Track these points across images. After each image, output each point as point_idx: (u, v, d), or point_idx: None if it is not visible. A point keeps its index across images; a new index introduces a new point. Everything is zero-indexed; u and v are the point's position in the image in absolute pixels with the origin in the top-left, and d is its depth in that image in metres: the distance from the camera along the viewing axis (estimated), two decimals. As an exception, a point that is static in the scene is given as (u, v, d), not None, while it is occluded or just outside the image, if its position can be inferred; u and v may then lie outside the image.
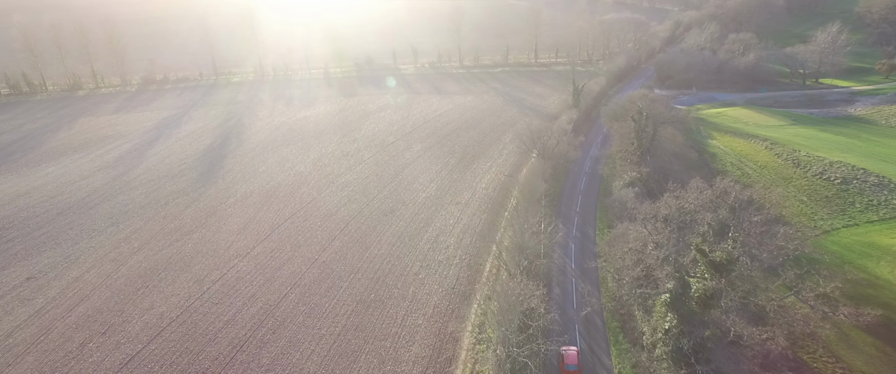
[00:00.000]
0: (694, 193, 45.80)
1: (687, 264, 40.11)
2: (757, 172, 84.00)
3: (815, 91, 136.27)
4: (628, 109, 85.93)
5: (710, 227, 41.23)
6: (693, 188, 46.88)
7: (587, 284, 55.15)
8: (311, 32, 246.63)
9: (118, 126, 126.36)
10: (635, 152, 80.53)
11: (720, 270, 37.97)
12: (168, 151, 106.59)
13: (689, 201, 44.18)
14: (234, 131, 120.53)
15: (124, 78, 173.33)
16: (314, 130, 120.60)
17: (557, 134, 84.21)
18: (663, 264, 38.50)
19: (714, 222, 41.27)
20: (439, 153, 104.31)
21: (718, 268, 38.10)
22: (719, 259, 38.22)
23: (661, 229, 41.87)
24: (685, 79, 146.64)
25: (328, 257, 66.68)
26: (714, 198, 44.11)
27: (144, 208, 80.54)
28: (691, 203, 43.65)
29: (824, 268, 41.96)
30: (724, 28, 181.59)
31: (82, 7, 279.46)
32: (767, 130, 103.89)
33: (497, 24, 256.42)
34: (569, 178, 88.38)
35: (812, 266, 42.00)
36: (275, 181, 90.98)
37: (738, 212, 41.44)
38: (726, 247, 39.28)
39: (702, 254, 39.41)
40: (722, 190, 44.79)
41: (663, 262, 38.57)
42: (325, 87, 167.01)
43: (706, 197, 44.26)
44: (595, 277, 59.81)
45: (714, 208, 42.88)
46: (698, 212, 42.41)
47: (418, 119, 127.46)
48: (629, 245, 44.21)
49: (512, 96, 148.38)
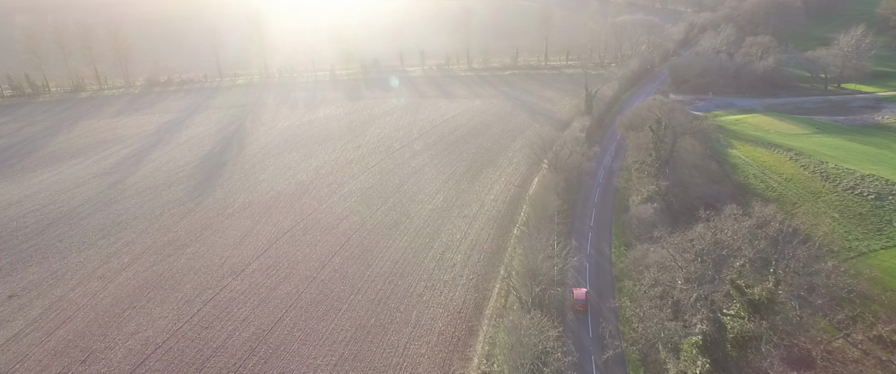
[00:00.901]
0: (729, 222, 41.52)
1: (720, 299, 35.97)
2: (782, 185, 79.27)
3: (837, 97, 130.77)
4: (646, 118, 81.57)
5: (748, 261, 37.09)
6: (728, 216, 42.59)
7: (606, 321, 50.34)
8: (318, 33, 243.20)
9: (118, 130, 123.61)
10: (653, 164, 76.19)
11: (759, 309, 33.85)
12: (167, 157, 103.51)
13: (725, 233, 39.86)
14: (236, 136, 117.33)
15: (128, 79, 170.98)
16: (318, 135, 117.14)
17: (570, 144, 79.98)
18: (696, 303, 34.33)
19: (753, 254, 37.10)
20: (446, 161, 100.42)
21: (757, 307, 33.99)
22: (759, 297, 34.10)
23: (693, 263, 37.67)
24: (701, 83, 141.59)
25: (327, 275, 62.98)
26: (753, 228, 39.82)
27: (138, 218, 77.30)
28: (728, 234, 39.31)
29: (878, 305, 37.62)
30: (741, 30, 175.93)
31: (88, 7, 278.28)
32: (790, 139, 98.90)
33: (506, 25, 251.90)
34: (582, 189, 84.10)
35: (864, 305, 37.69)
36: (275, 190, 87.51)
37: (782, 245, 37.18)
38: (767, 284, 35.11)
39: (739, 291, 35.31)
40: (762, 220, 40.48)
41: (696, 301, 34.39)
42: (330, 89, 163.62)
43: (745, 228, 39.94)
44: (611, 298, 55.65)
45: (753, 240, 38.64)
46: (735, 241, 38.14)
47: (425, 124, 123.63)
48: (652, 275, 40.04)
49: (521, 101, 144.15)
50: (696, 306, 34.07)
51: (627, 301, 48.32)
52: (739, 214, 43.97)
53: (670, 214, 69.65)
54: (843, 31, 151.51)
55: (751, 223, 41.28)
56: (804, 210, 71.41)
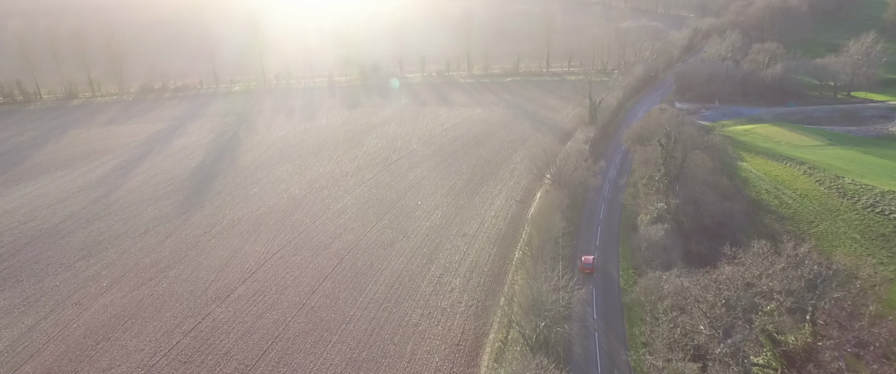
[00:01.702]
0: (759, 260, 37.80)
1: (748, 347, 32.27)
2: (797, 201, 75.51)
3: (848, 106, 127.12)
4: (653, 131, 77.96)
5: (780, 305, 33.44)
6: (756, 254, 38.86)
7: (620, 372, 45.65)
8: (318, 37, 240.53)
9: (108, 140, 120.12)
10: (662, 180, 72.54)
11: (795, 361, 30.21)
12: (156, 169, 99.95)
13: (752, 272, 36.15)
14: (229, 147, 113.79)
15: (122, 86, 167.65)
16: (313, 146, 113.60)
17: (574, 158, 76.32)
18: (724, 358, 30.53)
19: (784, 296, 33.41)
20: (445, 174, 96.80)
21: (793, 359, 30.36)
22: (794, 346, 30.47)
23: (718, 306, 33.95)
24: (707, 91, 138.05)
25: (317, 301, 59.27)
26: (786, 268, 36.06)
27: (121, 237, 73.66)
28: (756, 274, 35.56)
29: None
30: (746, 36, 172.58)
31: (83, 11, 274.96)
32: (803, 151, 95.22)
33: (507, 30, 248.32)
34: (586, 205, 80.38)
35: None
36: (266, 206, 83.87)
37: (820, 287, 33.46)
38: (804, 332, 31.45)
39: (770, 339, 31.68)
40: (797, 260, 36.72)
41: (724, 354, 30.61)
42: (328, 96, 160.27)
43: (778, 270, 36.19)
44: (621, 332, 51.91)
45: (785, 281, 34.91)
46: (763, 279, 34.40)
47: (424, 134, 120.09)
48: (670, 315, 36.32)
49: (523, 109, 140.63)
50: (725, 360, 30.43)
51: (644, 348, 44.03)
52: (769, 251, 40.12)
53: (681, 234, 65.96)
54: (850, 37, 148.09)
55: (784, 265, 37.48)
56: (822, 230, 67.69)
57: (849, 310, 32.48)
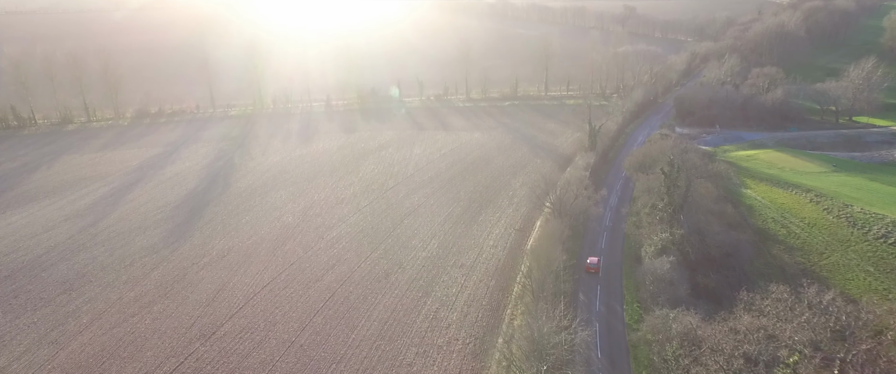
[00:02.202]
0: (779, 307, 35.32)
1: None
2: (805, 231, 73.17)
3: (851, 131, 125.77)
4: (656, 159, 76.04)
5: (803, 355, 31.00)
6: (776, 300, 36.43)
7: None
8: (315, 60, 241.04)
9: (100, 166, 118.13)
10: (665, 209, 70.30)
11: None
12: (147, 197, 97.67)
13: (772, 321, 33.66)
14: (222, 173, 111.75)
15: (118, 111, 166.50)
16: (308, 172, 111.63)
17: (575, 186, 74.19)
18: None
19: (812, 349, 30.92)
20: (443, 201, 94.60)
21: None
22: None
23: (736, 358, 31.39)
24: (707, 116, 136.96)
25: (307, 339, 56.37)
26: (811, 318, 33.59)
27: (105, 269, 70.95)
28: (776, 322, 33.09)
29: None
30: (745, 61, 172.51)
31: (81, 36, 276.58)
32: (808, 177, 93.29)
33: (506, 54, 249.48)
34: (588, 234, 77.93)
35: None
36: (258, 235, 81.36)
37: (849, 339, 31.03)
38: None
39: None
40: (822, 308, 34.28)
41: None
42: (325, 121, 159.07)
43: (802, 321, 33.71)
44: (627, 373, 48.99)
45: (811, 331, 32.43)
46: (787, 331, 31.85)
47: (421, 159, 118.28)
48: (680, 363, 33.67)
49: (522, 133, 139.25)
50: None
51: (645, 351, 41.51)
52: (789, 297, 37.61)
53: (687, 266, 63.41)
54: (848, 61, 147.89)
55: (808, 314, 34.97)
56: (833, 262, 65.20)
57: (884, 367, 29.83)
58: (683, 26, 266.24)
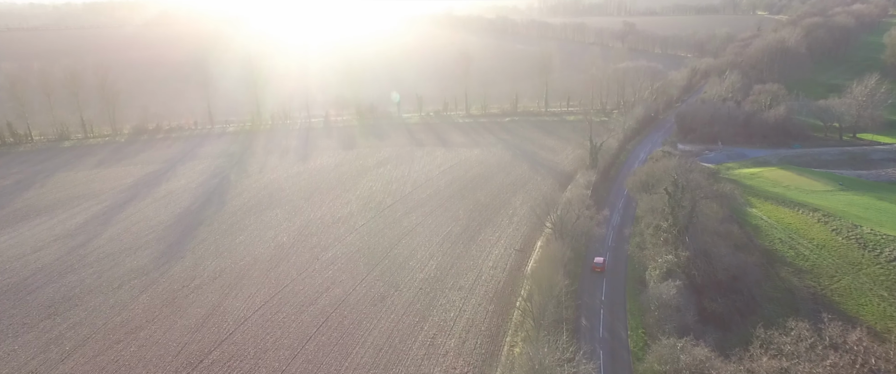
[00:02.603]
0: (801, 348, 33.17)
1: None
2: (814, 253, 71.04)
3: (856, 148, 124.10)
4: (660, 179, 74.27)
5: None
6: (796, 339, 34.32)
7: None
8: (314, 76, 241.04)
9: (94, 183, 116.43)
10: (670, 230, 68.31)
11: None
12: (139, 216, 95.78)
13: (793, 362, 31.51)
14: (218, 191, 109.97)
15: (115, 127, 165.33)
16: (305, 189, 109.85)
17: (577, 206, 72.29)
18: None
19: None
20: (441, 220, 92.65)
21: None
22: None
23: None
24: (709, 132, 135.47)
25: (298, 367, 54.05)
26: (837, 362, 31.43)
27: (92, 292, 68.79)
28: (796, 363, 30.97)
29: None
30: (745, 77, 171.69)
31: (78, 52, 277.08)
32: (814, 196, 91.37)
33: (506, 69, 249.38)
34: (589, 255, 75.66)
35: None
36: (251, 256, 79.30)
37: None
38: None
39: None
40: (847, 348, 32.14)
41: None
42: (324, 137, 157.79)
43: (826, 363, 31.56)
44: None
45: None
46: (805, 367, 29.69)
47: (420, 176, 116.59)
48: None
49: (522, 150, 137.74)
50: None
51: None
52: (812, 337, 35.44)
53: (694, 289, 61.28)
54: (849, 77, 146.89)
55: (834, 357, 32.78)
56: (845, 285, 62.99)
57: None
58: (683, 42, 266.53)
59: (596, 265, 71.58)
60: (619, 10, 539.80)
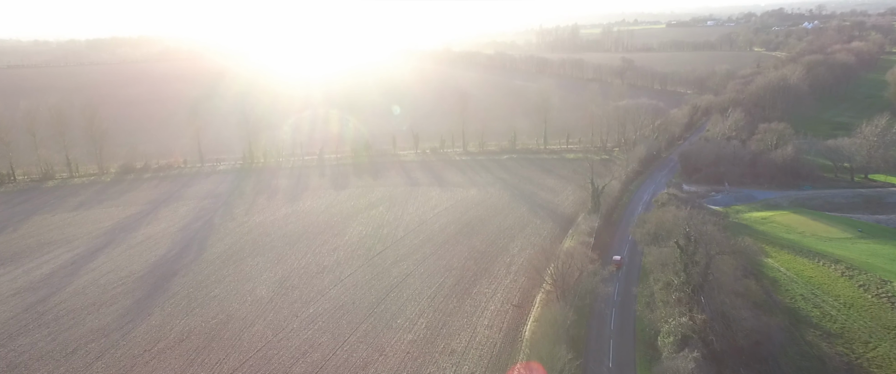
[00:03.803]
0: None
1: None
2: (842, 313, 64.51)
3: (870, 190, 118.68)
4: (670, 230, 68.44)
5: None
6: None
7: None
8: (308, 113, 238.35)
9: (70, 228, 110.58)
10: (683, 289, 62.05)
11: None
12: (111, 265, 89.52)
13: None
14: (199, 236, 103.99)
15: (102, 166, 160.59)
16: (292, 234, 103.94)
17: (579, 259, 66.21)
18: None
19: None
20: (434, 269, 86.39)
21: None
22: None
23: None
24: (715, 173, 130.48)
25: (262, 456, 47.00)
26: None
27: (43, 358, 62.05)
28: None
29: None
30: (748, 114, 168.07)
31: (66, 89, 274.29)
32: (833, 244, 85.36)
33: (504, 105, 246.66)
34: (594, 316, 69.01)
35: None
36: (225, 313, 72.73)
37: None
38: None
39: None
40: None
41: None
42: (316, 176, 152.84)
43: None
44: None
45: None
46: None
47: (413, 220, 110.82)
48: None
49: (520, 190, 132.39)
50: None
51: None
52: None
53: (713, 359, 54.66)
54: (853, 115, 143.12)
55: None
56: (882, 354, 56.34)
57: None
58: (682, 79, 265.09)
59: (615, 262, 79.15)
60: (616, 46, 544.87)
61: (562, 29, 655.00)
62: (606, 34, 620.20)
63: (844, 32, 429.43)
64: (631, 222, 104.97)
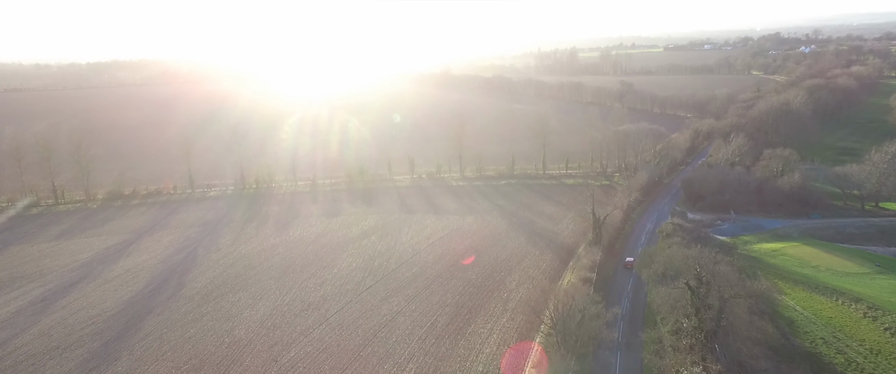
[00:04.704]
0: None
1: None
2: (869, 360, 59.17)
3: (883, 220, 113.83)
4: (679, 269, 63.56)
5: None
6: None
7: None
8: (302, 137, 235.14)
9: (46, 259, 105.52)
10: (694, 334, 56.85)
11: None
12: (82, 302, 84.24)
13: None
14: (180, 269, 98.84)
15: (89, 192, 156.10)
16: (278, 267, 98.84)
17: (581, 301, 61.10)
18: None
19: None
20: (426, 306, 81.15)
21: None
22: None
23: None
24: (720, 201, 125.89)
25: None
26: None
27: (-8, 412, 56.53)
28: None
29: None
30: (751, 139, 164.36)
31: (54, 116, 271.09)
32: (850, 281, 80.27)
33: (503, 129, 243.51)
34: (597, 361, 63.64)
35: None
36: (198, 358, 67.31)
37: None
38: None
39: None
40: None
41: None
42: (308, 202, 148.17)
43: None
44: None
45: None
46: None
47: (406, 251, 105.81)
48: None
49: (518, 217, 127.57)
50: None
51: None
52: None
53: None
54: (856, 140, 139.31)
55: None
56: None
57: None
58: (682, 102, 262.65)
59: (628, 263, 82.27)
60: (614, 69, 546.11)
61: (560, 52, 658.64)
62: (605, 57, 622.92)
63: (842, 57, 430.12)
64: (634, 253, 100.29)
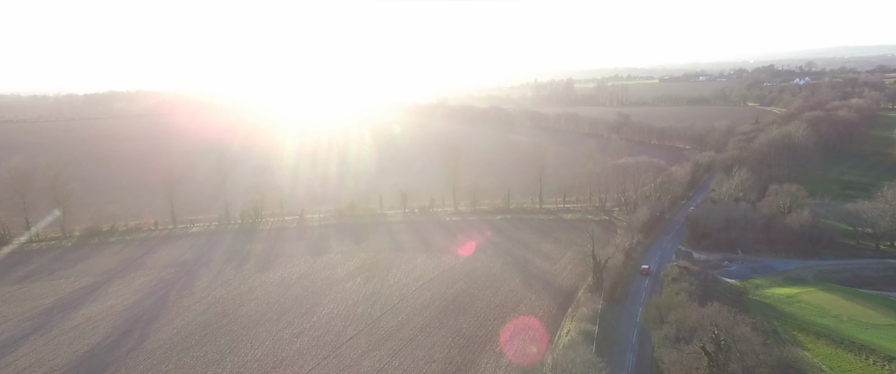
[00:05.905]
0: None
1: None
2: (911, 435, 51.67)
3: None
4: (693, 328, 56.49)
5: None
6: None
7: None
8: (288, 171, 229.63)
9: (4, 306, 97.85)
10: (712, 406, 49.42)
11: None
12: (31, 358, 76.35)
13: None
14: (146, 317, 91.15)
15: (65, 229, 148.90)
16: (252, 314, 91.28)
17: (582, 366, 53.72)
18: None
19: None
20: (410, 363, 73.63)
21: None
22: None
23: None
24: (726, 239, 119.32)
25: None
26: None
27: None
28: None
29: None
30: (754, 173, 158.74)
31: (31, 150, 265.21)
32: (878, 334, 73.09)
33: (498, 161, 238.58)
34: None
35: None
36: (148, 428, 59.34)
37: None
38: None
39: None
40: None
41: None
42: (294, 239, 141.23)
43: None
44: None
45: None
46: None
47: (392, 295, 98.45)
48: None
49: (514, 256, 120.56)
50: None
51: None
52: None
53: None
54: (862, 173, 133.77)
55: None
56: None
57: None
58: (681, 134, 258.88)
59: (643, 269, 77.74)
60: (611, 100, 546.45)
61: (557, 83, 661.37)
62: (601, 88, 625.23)
63: (838, 89, 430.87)
64: (638, 298, 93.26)
